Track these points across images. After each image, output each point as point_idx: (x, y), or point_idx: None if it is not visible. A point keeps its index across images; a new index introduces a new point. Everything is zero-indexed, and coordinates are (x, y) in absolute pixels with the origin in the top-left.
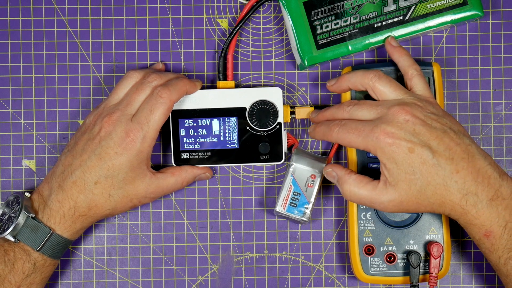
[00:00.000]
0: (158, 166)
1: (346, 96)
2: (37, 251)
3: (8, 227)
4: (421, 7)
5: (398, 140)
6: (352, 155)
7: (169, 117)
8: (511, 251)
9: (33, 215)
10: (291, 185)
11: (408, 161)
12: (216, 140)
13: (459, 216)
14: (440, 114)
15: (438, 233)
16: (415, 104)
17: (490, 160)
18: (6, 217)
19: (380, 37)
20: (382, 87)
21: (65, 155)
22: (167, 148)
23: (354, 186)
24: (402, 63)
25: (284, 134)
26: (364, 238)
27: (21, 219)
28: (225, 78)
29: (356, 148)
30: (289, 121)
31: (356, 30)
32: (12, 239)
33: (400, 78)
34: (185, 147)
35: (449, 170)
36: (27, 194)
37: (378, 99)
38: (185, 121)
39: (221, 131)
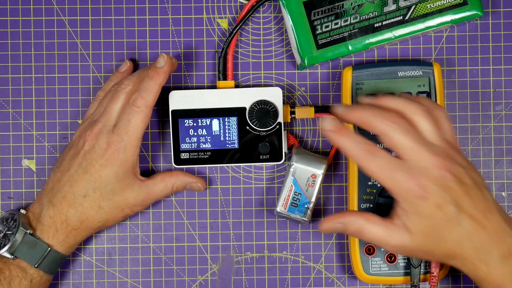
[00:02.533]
0: (158, 166)
1: (346, 94)
2: (36, 267)
3: (5, 244)
4: (421, 7)
5: (428, 194)
6: None
7: (169, 116)
8: None
9: (31, 232)
10: (292, 185)
11: (432, 215)
12: (216, 140)
13: (469, 271)
14: (466, 165)
15: None
16: (450, 156)
17: (505, 215)
18: (2, 234)
19: (380, 37)
20: (424, 123)
21: (54, 171)
22: (167, 148)
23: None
24: (425, 102)
25: (284, 134)
26: None
27: (18, 236)
28: (225, 78)
29: (377, 181)
30: (289, 121)
31: (356, 30)
32: (10, 256)
33: (400, 79)
34: (185, 147)
35: (467, 228)
36: (22, 211)
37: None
38: (185, 121)
39: (221, 131)
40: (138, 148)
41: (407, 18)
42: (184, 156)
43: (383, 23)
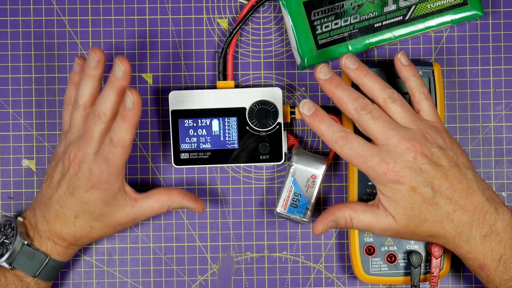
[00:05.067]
0: (158, 166)
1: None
2: (34, 277)
3: (4, 254)
4: (421, 7)
5: (402, 179)
6: None
7: (169, 116)
8: (508, 282)
9: (29, 242)
10: (291, 186)
11: (408, 198)
12: (216, 140)
13: (452, 249)
14: (447, 145)
15: None
16: (425, 138)
17: (489, 193)
18: None
19: (380, 37)
20: (394, 109)
21: (44, 184)
22: (167, 148)
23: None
24: (410, 84)
25: (284, 134)
26: (365, 238)
27: (17, 246)
28: (225, 78)
29: (353, 165)
30: (289, 121)
31: (356, 30)
32: (8, 267)
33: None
34: (185, 147)
35: (446, 209)
36: (19, 219)
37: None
38: (185, 121)
39: (221, 131)
40: (122, 175)
41: (407, 18)
42: (184, 156)
43: (383, 23)
